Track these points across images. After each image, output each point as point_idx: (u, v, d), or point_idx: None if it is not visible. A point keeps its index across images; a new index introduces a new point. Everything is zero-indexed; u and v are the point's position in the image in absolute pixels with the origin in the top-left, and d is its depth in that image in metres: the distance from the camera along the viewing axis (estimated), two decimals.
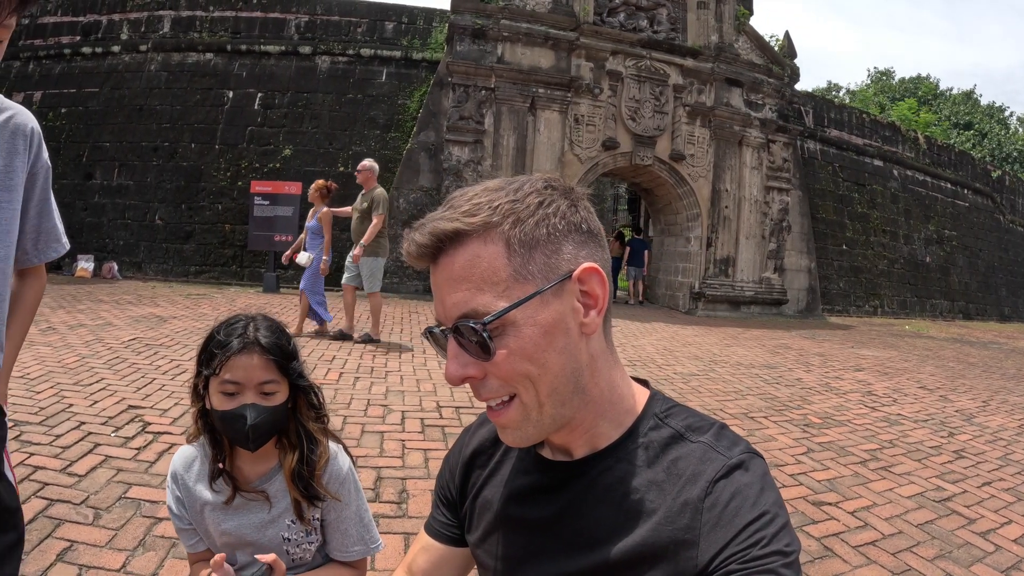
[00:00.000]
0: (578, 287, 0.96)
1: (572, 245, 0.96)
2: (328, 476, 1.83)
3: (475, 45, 15.78)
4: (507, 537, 1.13)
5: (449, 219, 0.94)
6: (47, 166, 1.78)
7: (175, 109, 16.92)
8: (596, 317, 0.97)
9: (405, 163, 15.71)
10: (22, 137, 1.67)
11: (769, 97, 18.33)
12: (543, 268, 0.94)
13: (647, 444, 1.02)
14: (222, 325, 1.74)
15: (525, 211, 0.94)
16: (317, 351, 7.86)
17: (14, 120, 1.66)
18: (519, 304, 0.92)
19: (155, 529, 3.27)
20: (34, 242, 1.79)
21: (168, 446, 4.30)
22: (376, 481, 4.06)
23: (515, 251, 0.93)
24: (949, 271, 25.10)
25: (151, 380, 5.84)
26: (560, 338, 0.95)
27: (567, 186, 1.01)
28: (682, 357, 9.71)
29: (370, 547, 1.93)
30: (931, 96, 51.27)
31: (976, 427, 6.73)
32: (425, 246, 0.96)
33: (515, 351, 0.93)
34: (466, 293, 0.93)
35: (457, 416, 5.52)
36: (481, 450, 1.25)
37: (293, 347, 1.78)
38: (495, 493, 1.17)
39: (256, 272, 15.77)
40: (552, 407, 0.97)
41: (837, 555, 3.58)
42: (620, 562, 0.95)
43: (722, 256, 17.66)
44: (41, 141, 1.75)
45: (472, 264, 0.93)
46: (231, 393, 1.66)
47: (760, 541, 0.85)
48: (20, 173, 1.67)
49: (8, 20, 1.42)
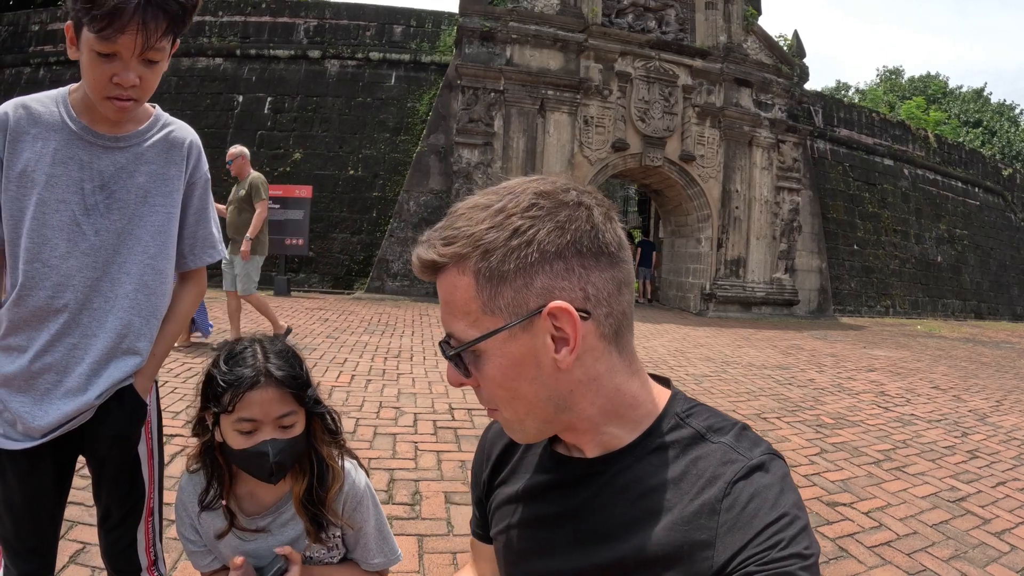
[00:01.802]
0: (551, 323, 0.93)
1: (547, 277, 0.92)
2: (344, 497, 1.79)
3: (484, 47, 15.80)
4: (524, 532, 1.13)
5: (429, 246, 0.97)
6: (206, 177, 1.97)
7: (185, 114, 16.95)
8: (568, 355, 0.94)
9: (415, 166, 15.73)
10: (179, 149, 1.86)
11: (778, 97, 18.28)
12: (511, 303, 0.93)
13: (667, 444, 1.01)
14: (227, 357, 1.67)
15: (496, 242, 0.92)
16: (328, 354, 7.87)
17: (173, 134, 1.86)
18: (485, 338, 0.94)
19: (169, 531, 3.28)
20: (191, 247, 1.95)
21: (180, 448, 4.30)
22: (389, 483, 4.06)
23: (482, 285, 0.93)
24: (961, 270, 24.95)
25: (163, 383, 5.86)
26: (530, 370, 0.95)
27: (565, 199, 0.96)
28: (694, 358, 9.68)
29: (390, 559, 1.90)
30: (940, 94, 51.05)
31: (990, 427, 6.69)
32: (419, 267, 1.00)
33: (488, 377, 0.98)
34: (448, 316, 0.99)
35: (469, 418, 5.52)
36: (504, 447, 1.25)
37: (306, 373, 1.71)
38: (516, 489, 1.17)
39: (267, 276, 15.76)
40: (534, 423, 1.01)
41: (852, 556, 3.56)
42: (635, 560, 0.94)
43: (733, 257, 17.62)
44: (200, 154, 1.93)
45: (452, 291, 0.96)
46: (248, 431, 1.61)
47: (779, 543, 0.84)
48: (176, 181, 1.85)
49: (161, 43, 1.57)
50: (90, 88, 1.63)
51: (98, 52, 1.54)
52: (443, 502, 3.84)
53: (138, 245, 1.79)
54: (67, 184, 1.69)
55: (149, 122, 1.82)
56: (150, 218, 1.81)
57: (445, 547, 3.31)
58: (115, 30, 1.49)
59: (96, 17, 1.47)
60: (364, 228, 16.58)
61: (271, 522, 1.77)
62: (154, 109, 1.87)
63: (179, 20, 1.58)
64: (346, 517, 1.79)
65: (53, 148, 1.68)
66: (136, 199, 1.78)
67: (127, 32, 1.50)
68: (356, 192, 16.78)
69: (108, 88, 1.59)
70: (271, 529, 1.77)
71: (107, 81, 1.58)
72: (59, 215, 1.69)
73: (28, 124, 1.68)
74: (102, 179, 1.73)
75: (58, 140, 1.69)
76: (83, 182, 1.71)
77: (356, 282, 16.21)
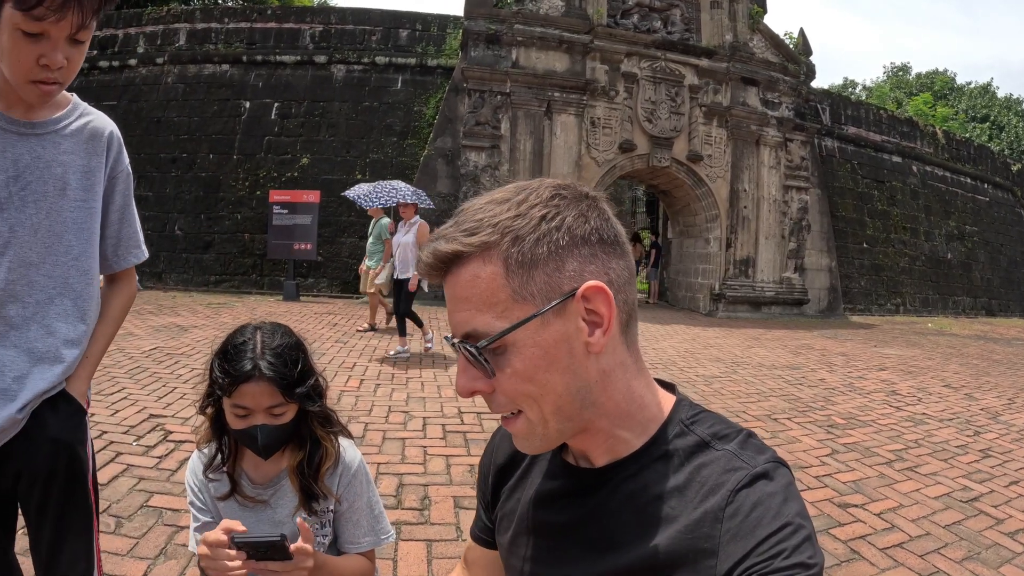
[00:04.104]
0: (583, 305, 0.93)
1: (577, 261, 0.93)
2: (338, 473, 1.87)
3: (489, 50, 15.80)
4: (532, 540, 1.12)
5: (448, 239, 0.94)
6: (128, 171, 1.85)
7: (192, 121, 17.06)
8: (601, 337, 0.94)
9: (423, 170, 15.74)
10: (99, 140, 1.74)
11: (785, 95, 18.22)
12: (544, 287, 0.92)
13: (672, 451, 1.00)
14: (229, 343, 1.76)
15: (526, 228, 0.92)
16: (337, 359, 7.88)
17: (92, 124, 1.73)
18: (517, 326, 0.91)
19: (176, 538, 3.28)
20: (114, 247, 1.84)
21: (189, 455, 4.31)
22: (398, 488, 4.06)
23: (513, 271, 0.91)
24: (971, 267, 24.81)
25: (172, 389, 5.88)
26: (563, 358, 0.93)
27: (580, 192, 0.98)
28: (704, 359, 9.66)
29: (381, 538, 1.95)
30: (948, 90, 50.82)
31: (1002, 425, 6.64)
32: (432, 266, 0.96)
33: (516, 372, 0.93)
34: (467, 313, 0.94)
35: (479, 422, 5.52)
36: (512, 452, 1.24)
37: (301, 370, 1.75)
38: (524, 496, 1.17)
39: (276, 280, 15.86)
40: (557, 423, 0.97)
41: (864, 558, 3.54)
42: (639, 569, 0.93)
43: (742, 257, 17.56)
44: (121, 146, 1.81)
45: (472, 284, 0.93)
46: (243, 415, 1.71)
47: (782, 553, 0.83)
48: (97, 174, 1.73)
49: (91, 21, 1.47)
50: (11, 71, 1.48)
51: (25, 31, 1.41)
52: (452, 507, 3.83)
53: (59, 244, 1.66)
54: None
55: (68, 108, 1.70)
56: (71, 214, 1.68)
57: (454, 552, 3.30)
58: (49, 8, 1.38)
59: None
60: None
61: (272, 494, 1.86)
62: (72, 97, 1.74)
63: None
64: (340, 492, 1.87)
65: None
66: (54, 192, 1.64)
67: (64, 12, 1.40)
68: None
69: (34, 71, 1.47)
70: (271, 502, 1.86)
71: (33, 63, 1.46)
72: None
73: None
74: (16, 169, 1.59)
75: None
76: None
77: None
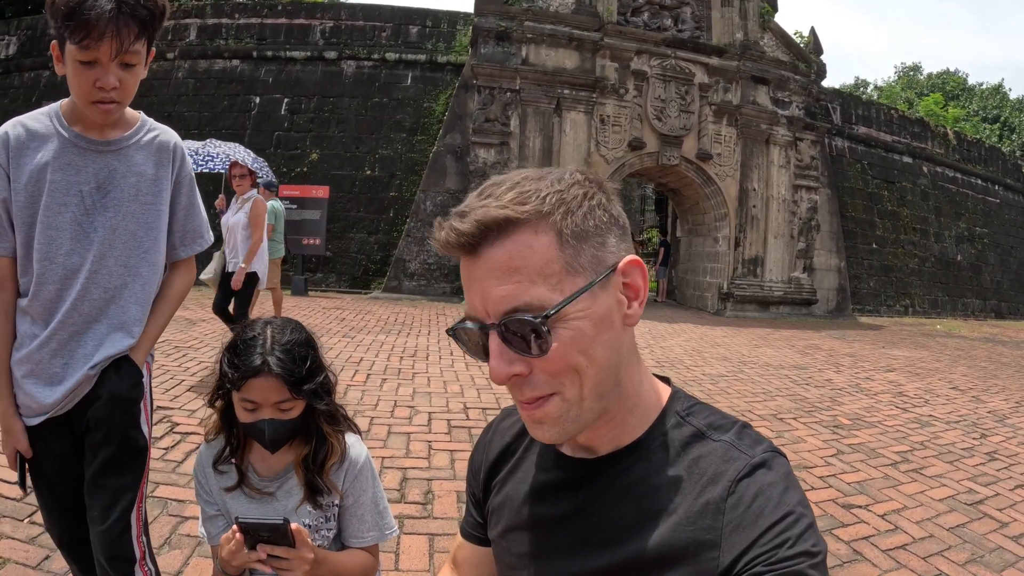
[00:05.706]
0: (621, 279, 0.95)
1: (614, 238, 0.96)
2: (344, 468, 1.90)
3: (499, 47, 15.80)
4: (525, 534, 1.11)
5: (498, 206, 0.89)
6: (191, 176, 2.16)
7: (203, 116, 17.12)
8: (638, 308, 0.97)
9: (431, 166, 15.77)
10: (166, 151, 2.06)
11: (796, 95, 18.17)
12: (592, 261, 0.92)
13: (668, 442, 1.00)
14: (239, 337, 1.81)
15: (574, 202, 0.92)
16: (344, 353, 7.90)
17: (160, 138, 2.05)
18: (575, 297, 0.89)
19: (181, 528, 3.30)
20: (181, 238, 2.16)
21: (195, 446, 4.34)
22: (402, 482, 4.07)
23: (567, 243, 0.90)
24: (981, 269, 24.69)
25: (179, 382, 5.91)
26: (606, 331, 0.93)
27: (600, 180, 1.00)
28: (711, 358, 9.65)
29: (384, 533, 1.97)
30: (959, 91, 50.53)
31: (1009, 428, 6.61)
32: (468, 234, 0.89)
33: (568, 344, 0.90)
34: (517, 286, 0.88)
35: (484, 417, 5.53)
36: (504, 446, 1.24)
37: (310, 366, 1.79)
38: (516, 490, 1.16)
39: (284, 275, 15.87)
40: (592, 400, 0.95)
41: (866, 559, 3.53)
42: (639, 562, 0.93)
43: (750, 256, 17.53)
44: (184, 155, 2.12)
45: (523, 255, 0.89)
46: (251, 409, 1.76)
47: (786, 542, 0.83)
48: (164, 181, 2.06)
49: (135, 47, 1.77)
50: (77, 96, 1.83)
51: (80, 61, 1.74)
52: (455, 501, 3.85)
53: (133, 240, 1.99)
54: (66, 188, 1.89)
55: (136, 127, 2.02)
56: (142, 215, 2.01)
57: None
58: (92, 38, 1.69)
59: (75, 29, 1.69)
60: (381, 228, 16.64)
61: (278, 488, 1.89)
62: (140, 115, 2.05)
63: (149, 25, 1.80)
64: (345, 488, 1.90)
65: (51, 157, 1.88)
66: (129, 197, 1.97)
67: (104, 39, 1.70)
68: (373, 192, 16.84)
69: (92, 93, 1.79)
70: (277, 495, 1.89)
71: (91, 86, 1.78)
72: (62, 217, 1.89)
73: (28, 139, 1.89)
74: (97, 180, 1.93)
75: (55, 149, 1.89)
76: (80, 185, 1.91)
77: (373, 282, 16.27)
